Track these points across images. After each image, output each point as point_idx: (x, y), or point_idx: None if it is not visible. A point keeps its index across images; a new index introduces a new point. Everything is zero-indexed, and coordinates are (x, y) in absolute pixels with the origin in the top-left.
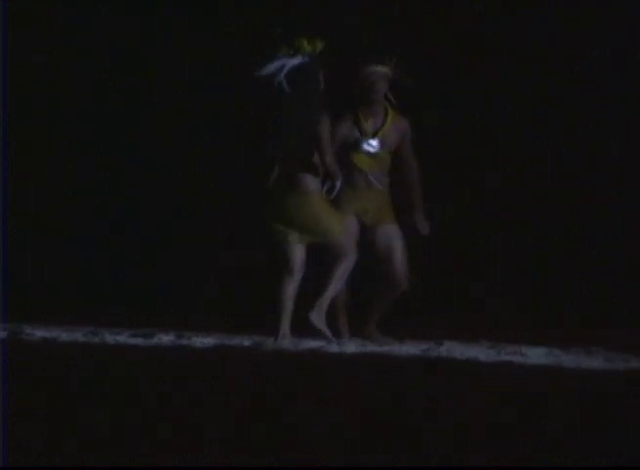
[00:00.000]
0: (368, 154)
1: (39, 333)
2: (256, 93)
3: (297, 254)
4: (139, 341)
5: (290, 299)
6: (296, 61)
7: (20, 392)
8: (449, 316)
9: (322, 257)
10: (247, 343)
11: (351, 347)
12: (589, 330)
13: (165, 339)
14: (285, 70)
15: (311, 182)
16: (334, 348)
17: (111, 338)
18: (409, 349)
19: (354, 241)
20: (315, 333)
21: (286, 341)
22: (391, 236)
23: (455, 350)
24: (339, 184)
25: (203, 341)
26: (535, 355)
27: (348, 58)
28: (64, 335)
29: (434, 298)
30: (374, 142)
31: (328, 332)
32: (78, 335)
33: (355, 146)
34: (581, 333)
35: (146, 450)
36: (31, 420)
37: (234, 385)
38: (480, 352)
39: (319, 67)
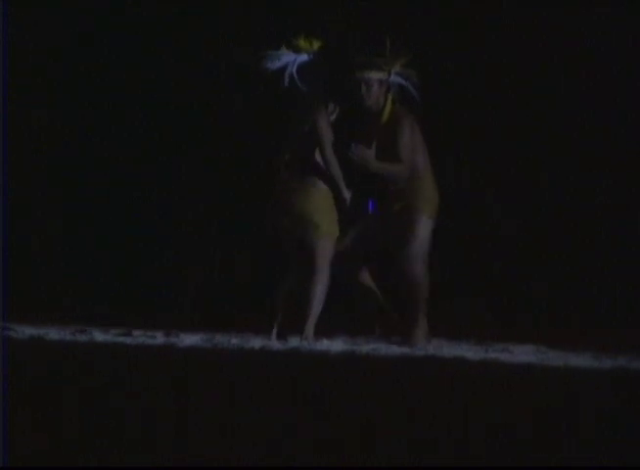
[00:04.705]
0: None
1: (27, 331)
2: (259, 94)
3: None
4: (127, 339)
5: (285, 297)
6: (303, 58)
7: (11, 390)
8: (436, 314)
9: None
10: (234, 340)
11: (339, 345)
12: (577, 329)
13: (153, 336)
14: (295, 66)
15: (317, 179)
16: (319, 346)
17: (99, 336)
18: (397, 347)
19: (330, 258)
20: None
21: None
22: (406, 227)
23: (442, 347)
24: (341, 182)
25: (190, 339)
26: (522, 353)
27: (349, 59)
28: (52, 333)
29: None
30: (356, 149)
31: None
32: (66, 333)
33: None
34: (569, 332)
35: (140, 449)
36: (22, 420)
37: (226, 383)
38: (468, 350)
39: (320, 65)
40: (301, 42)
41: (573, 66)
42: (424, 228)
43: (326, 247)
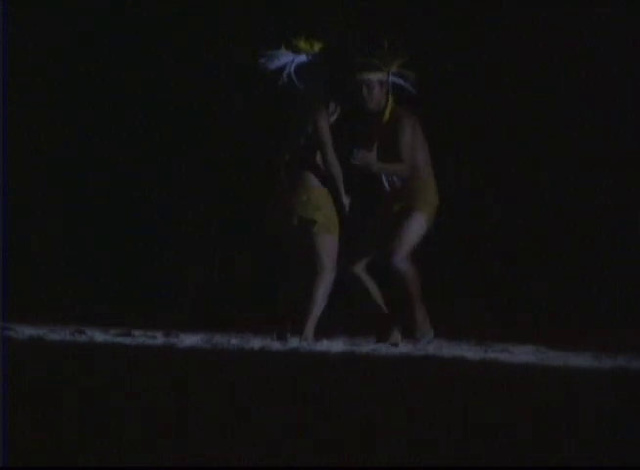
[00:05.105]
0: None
1: (27, 331)
2: (259, 94)
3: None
4: (127, 339)
5: (289, 297)
6: (301, 58)
7: (11, 390)
8: (436, 314)
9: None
10: (234, 340)
11: (339, 345)
12: (577, 329)
13: (153, 336)
14: (293, 66)
15: (317, 179)
16: (319, 346)
17: (99, 336)
18: (397, 347)
19: (334, 257)
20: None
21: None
22: (400, 225)
23: (442, 347)
24: (341, 184)
25: (190, 339)
26: (522, 353)
27: (349, 60)
28: (52, 333)
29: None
30: (359, 154)
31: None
32: (66, 333)
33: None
34: (569, 332)
35: (140, 449)
36: (22, 420)
37: (226, 383)
38: (468, 350)
39: (320, 66)
40: (302, 43)
41: (573, 66)
42: (416, 227)
43: (329, 247)
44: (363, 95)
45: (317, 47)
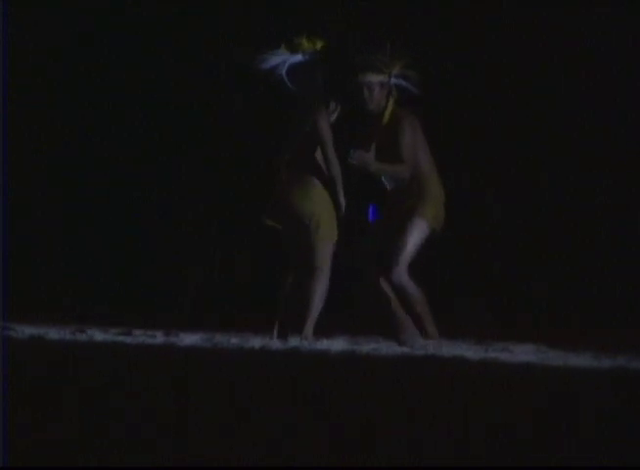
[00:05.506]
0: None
1: (27, 331)
2: (259, 94)
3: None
4: (127, 339)
5: (289, 297)
6: (296, 58)
7: (11, 390)
8: (436, 314)
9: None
10: (234, 340)
11: (339, 345)
12: (577, 329)
13: (153, 336)
14: (285, 67)
15: (316, 179)
16: (319, 345)
17: (99, 336)
18: (396, 347)
19: (331, 258)
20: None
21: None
22: (402, 230)
23: (442, 347)
24: (340, 184)
25: (190, 338)
26: (522, 353)
27: (350, 61)
28: (52, 333)
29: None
30: (355, 154)
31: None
32: (66, 333)
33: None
34: (569, 332)
35: (140, 449)
36: (22, 420)
37: (226, 383)
38: (468, 350)
39: (319, 65)
40: (304, 41)
41: (573, 66)
42: (417, 234)
43: (325, 248)
44: (364, 96)
45: (319, 45)
